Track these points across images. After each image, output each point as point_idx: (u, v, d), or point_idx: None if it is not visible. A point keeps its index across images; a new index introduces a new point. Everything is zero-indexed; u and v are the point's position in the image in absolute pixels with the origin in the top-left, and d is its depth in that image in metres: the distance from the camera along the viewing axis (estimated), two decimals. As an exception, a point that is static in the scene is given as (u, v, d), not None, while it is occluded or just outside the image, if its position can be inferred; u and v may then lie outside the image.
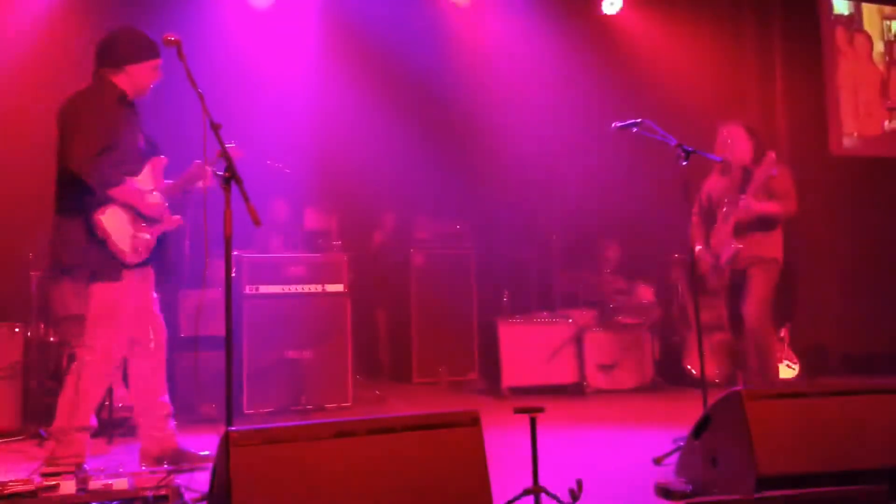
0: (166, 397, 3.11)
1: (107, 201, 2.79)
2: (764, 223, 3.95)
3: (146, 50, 2.95)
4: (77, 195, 2.77)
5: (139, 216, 2.89)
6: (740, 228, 3.92)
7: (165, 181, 3.02)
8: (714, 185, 4.11)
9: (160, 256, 3.00)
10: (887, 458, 2.36)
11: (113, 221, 2.79)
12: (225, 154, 2.60)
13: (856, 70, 6.83)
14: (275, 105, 5.48)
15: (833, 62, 6.74)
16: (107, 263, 2.81)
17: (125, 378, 4.13)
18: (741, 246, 3.91)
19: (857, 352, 6.34)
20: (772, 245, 3.97)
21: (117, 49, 2.92)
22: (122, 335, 2.92)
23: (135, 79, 2.94)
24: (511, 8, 6.36)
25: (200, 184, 2.99)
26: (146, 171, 2.97)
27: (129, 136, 2.89)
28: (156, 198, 2.91)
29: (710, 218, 4.12)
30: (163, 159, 3.00)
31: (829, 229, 6.51)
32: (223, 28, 5.45)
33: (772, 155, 3.85)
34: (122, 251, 2.81)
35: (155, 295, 3.07)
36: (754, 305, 3.91)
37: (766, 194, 3.91)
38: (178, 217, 3.02)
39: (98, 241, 2.77)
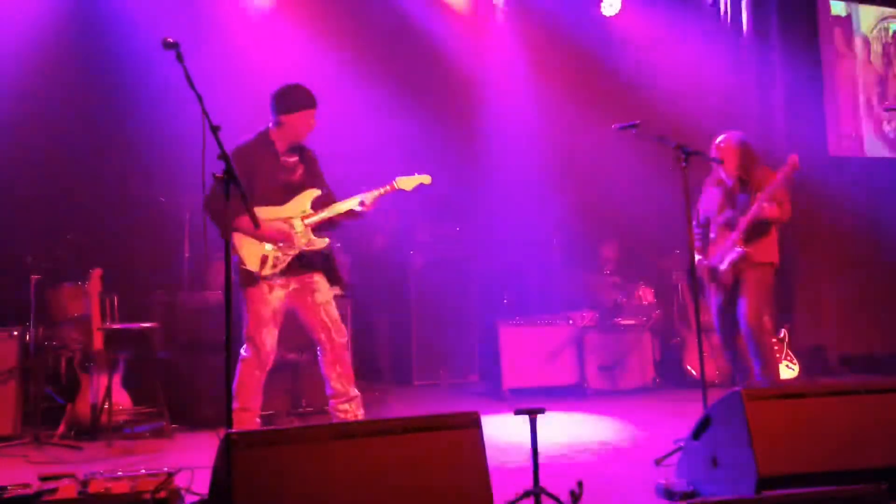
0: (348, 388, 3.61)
1: (233, 231, 3.31)
2: (761, 228, 4.00)
3: (296, 103, 3.45)
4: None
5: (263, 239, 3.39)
6: (740, 236, 3.98)
7: (317, 210, 3.51)
8: (709, 196, 4.21)
9: (322, 268, 3.53)
10: (887, 458, 2.36)
11: (240, 241, 3.37)
12: (224, 156, 2.61)
13: (853, 71, 6.85)
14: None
15: (831, 63, 6.76)
16: (241, 274, 3.40)
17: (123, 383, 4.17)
18: (749, 250, 3.96)
19: (856, 352, 6.35)
20: (766, 249, 4.03)
21: (276, 101, 3.46)
22: (265, 334, 3.38)
23: (288, 129, 3.48)
24: (511, 9, 6.37)
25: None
26: (294, 201, 3.48)
27: (266, 178, 3.42)
28: (276, 224, 3.40)
29: (708, 225, 4.20)
30: (313, 192, 3.53)
31: (828, 230, 6.52)
32: (223, 28, 5.46)
33: (795, 158, 3.91)
34: (247, 265, 3.37)
35: (322, 300, 3.50)
36: (748, 307, 3.97)
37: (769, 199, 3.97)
38: (324, 239, 3.51)
39: (237, 258, 3.39)
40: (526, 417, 2.41)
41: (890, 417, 2.44)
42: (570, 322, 5.37)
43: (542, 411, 2.42)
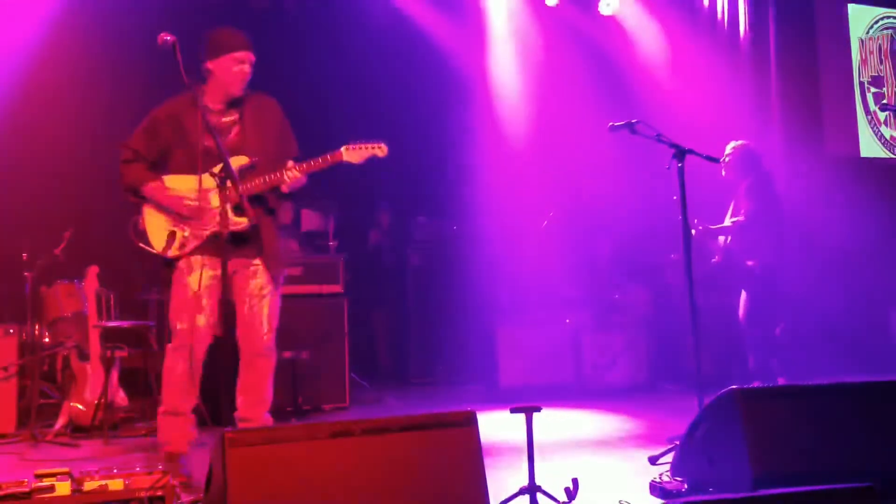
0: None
1: (142, 200, 2.93)
2: (756, 230, 4.44)
3: (223, 45, 2.90)
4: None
5: (172, 213, 2.92)
6: (738, 233, 4.47)
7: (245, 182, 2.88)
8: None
9: (266, 252, 2.96)
10: (882, 456, 2.37)
11: (150, 217, 2.93)
12: (221, 154, 2.60)
13: (849, 71, 6.86)
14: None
15: (828, 62, 6.77)
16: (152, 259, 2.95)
17: (120, 381, 4.16)
18: (729, 245, 4.46)
19: (851, 351, 6.36)
20: (754, 253, 4.45)
21: (199, 48, 2.90)
22: (188, 321, 2.90)
23: (216, 76, 2.90)
24: (510, 8, 6.37)
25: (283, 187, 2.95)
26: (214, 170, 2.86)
27: (195, 138, 2.83)
28: (184, 196, 2.89)
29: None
30: (240, 159, 2.88)
31: (824, 229, 6.53)
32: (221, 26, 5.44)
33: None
34: (152, 247, 2.93)
35: (252, 290, 2.98)
36: (743, 307, 4.43)
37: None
38: (242, 220, 2.85)
39: (140, 233, 2.94)
40: (522, 416, 2.41)
41: (884, 416, 2.45)
42: (567, 320, 5.37)
43: (537, 409, 2.42)
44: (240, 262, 2.94)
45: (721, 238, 4.57)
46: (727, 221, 4.56)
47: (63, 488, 2.41)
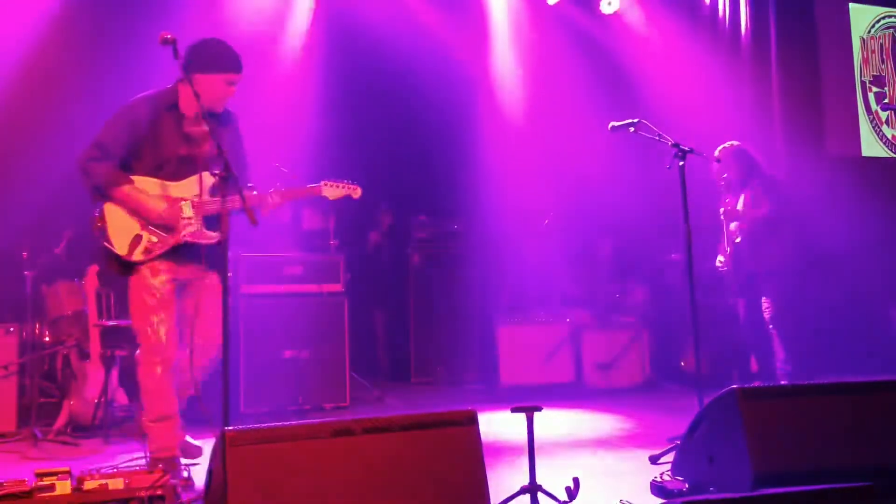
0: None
1: (106, 199, 2.85)
2: (769, 232, 4.36)
3: (218, 63, 2.89)
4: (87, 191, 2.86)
5: (143, 219, 2.88)
6: (743, 239, 4.40)
7: (213, 197, 2.93)
8: (724, 201, 4.53)
9: (219, 268, 2.85)
10: (881, 456, 2.37)
11: (114, 216, 2.84)
12: (221, 155, 2.60)
13: (851, 70, 6.85)
14: (271, 103, 5.47)
15: (829, 61, 6.76)
16: (110, 258, 2.86)
17: (121, 380, 4.16)
18: (740, 246, 4.33)
19: (852, 350, 6.36)
20: (771, 253, 4.37)
21: (188, 55, 2.87)
22: (157, 324, 2.87)
23: (200, 89, 2.81)
24: (511, 7, 6.36)
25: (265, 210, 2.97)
26: (191, 180, 2.92)
27: (164, 145, 2.87)
28: (163, 208, 2.86)
29: (720, 229, 4.56)
30: (210, 176, 2.89)
31: (824, 228, 6.53)
32: (222, 25, 5.44)
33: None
34: (113, 246, 2.85)
35: (205, 307, 2.97)
36: (769, 309, 4.35)
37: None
38: (215, 234, 2.88)
39: (100, 231, 2.84)
40: (523, 415, 2.41)
41: (884, 416, 2.45)
42: (567, 320, 5.37)
43: (538, 409, 2.42)
44: (196, 271, 2.95)
45: (726, 244, 4.49)
46: (732, 225, 4.46)
47: (63, 487, 2.41)
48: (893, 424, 2.44)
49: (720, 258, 4.58)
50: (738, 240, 4.44)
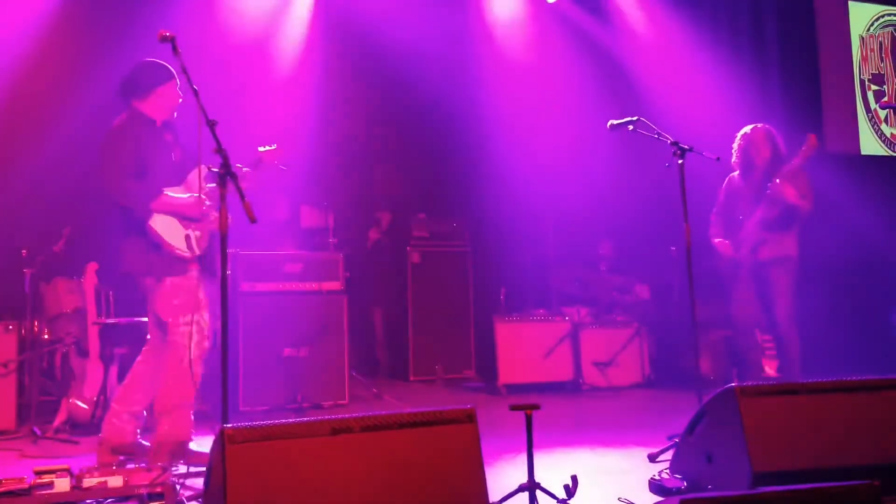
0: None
1: (149, 213, 3.08)
2: (785, 221, 4.13)
3: (164, 73, 3.19)
4: (124, 214, 3.11)
5: (184, 218, 3.15)
6: (766, 224, 4.13)
7: (210, 184, 3.16)
8: (734, 186, 4.33)
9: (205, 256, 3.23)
10: (881, 455, 2.38)
11: (162, 226, 3.09)
12: (220, 151, 2.60)
13: (850, 69, 6.85)
14: (271, 101, 5.47)
15: (828, 61, 6.76)
16: (170, 262, 3.10)
17: (120, 377, 4.16)
18: (763, 237, 4.12)
19: (849, 349, 6.37)
20: (791, 243, 4.18)
21: (140, 79, 3.18)
22: (199, 317, 3.13)
23: (161, 101, 3.18)
24: (508, 7, 6.36)
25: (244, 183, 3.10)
26: (190, 178, 3.21)
27: (161, 155, 3.17)
28: (193, 200, 3.14)
29: (728, 217, 4.32)
30: (204, 168, 3.03)
31: (824, 227, 6.53)
32: (222, 25, 5.44)
33: (812, 137, 4.06)
34: (178, 248, 3.10)
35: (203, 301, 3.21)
36: (784, 308, 4.11)
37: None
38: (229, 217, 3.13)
39: (154, 245, 3.07)
40: (521, 413, 2.41)
41: (884, 414, 2.46)
42: (566, 318, 5.38)
43: (537, 407, 2.42)
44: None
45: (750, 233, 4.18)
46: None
47: (63, 485, 2.41)
48: (892, 423, 2.44)
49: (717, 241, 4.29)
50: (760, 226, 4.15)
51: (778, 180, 4.04)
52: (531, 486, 2.39)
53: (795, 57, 6.59)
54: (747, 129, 4.24)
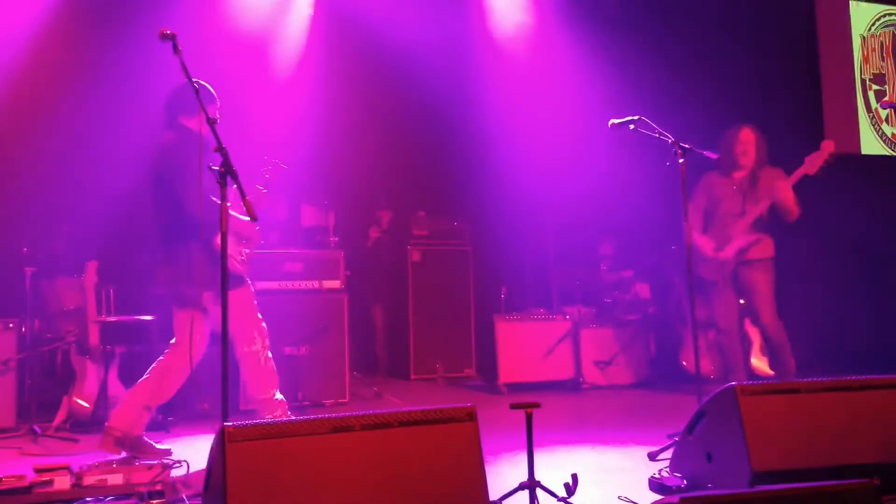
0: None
1: (215, 229, 3.19)
2: (763, 224, 4.16)
3: (209, 94, 3.38)
4: (186, 227, 3.21)
5: (238, 236, 3.39)
6: (759, 225, 4.16)
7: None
8: (715, 184, 4.28)
9: None
10: (880, 454, 2.38)
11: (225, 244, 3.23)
12: (221, 149, 2.60)
13: (851, 67, 6.85)
14: (272, 100, 5.47)
15: (829, 60, 6.75)
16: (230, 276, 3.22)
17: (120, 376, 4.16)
18: (755, 238, 4.12)
19: (847, 348, 6.37)
20: (768, 245, 4.20)
21: (187, 98, 3.26)
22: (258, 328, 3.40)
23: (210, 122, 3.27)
24: (508, 6, 6.35)
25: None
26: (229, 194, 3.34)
27: (208, 172, 3.22)
28: (248, 221, 3.25)
29: (708, 215, 4.30)
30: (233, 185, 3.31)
31: (819, 226, 6.53)
32: (221, 24, 5.44)
33: (829, 143, 4.13)
34: (235, 266, 3.33)
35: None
36: (768, 305, 4.12)
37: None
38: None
39: (216, 259, 3.17)
40: (521, 411, 2.41)
41: (883, 413, 2.46)
42: (567, 317, 5.38)
43: (537, 406, 2.42)
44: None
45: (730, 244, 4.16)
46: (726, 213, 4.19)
47: (62, 482, 2.42)
48: (891, 422, 2.44)
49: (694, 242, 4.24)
50: (749, 228, 4.15)
51: (782, 182, 4.07)
52: (531, 485, 2.39)
53: (796, 56, 6.58)
54: (734, 129, 4.23)
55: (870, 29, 6.97)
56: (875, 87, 6.93)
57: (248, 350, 3.36)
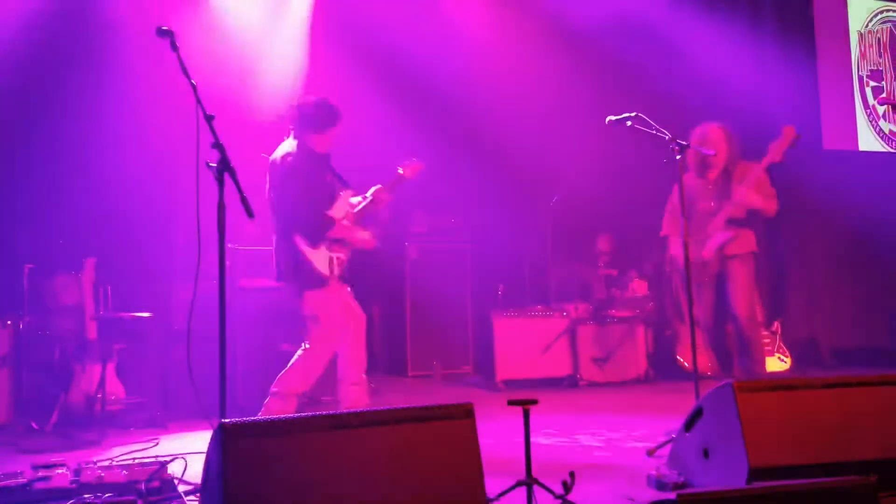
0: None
1: (323, 240, 3.54)
2: (748, 220, 4.11)
3: (338, 116, 3.60)
4: (290, 229, 3.50)
5: (335, 242, 3.58)
6: (732, 223, 4.08)
7: (355, 207, 3.72)
8: (689, 184, 4.20)
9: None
10: (877, 450, 2.39)
11: (311, 250, 3.51)
12: (218, 145, 2.59)
13: (848, 65, 6.85)
14: (271, 98, 5.45)
15: (826, 57, 6.76)
16: (311, 278, 3.52)
17: (118, 373, 4.16)
18: (732, 234, 4.07)
19: (847, 345, 6.39)
20: (748, 240, 4.13)
21: (321, 117, 3.57)
22: (333, 330, 3.57)
23: (330, 139, 3.61)
24: (508, 5, 6.34)
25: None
26: (339, 202, 3.63)
27: (323, 182, 3.60)
28: (344, 225, 3.60)
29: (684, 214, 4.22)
30: (349, 192, 3.69)
31: (821, 223, 6.54)
32: (222, 23, 5.42)
33: (790, 128, 4.04)
34: (319, 268, 3.51)
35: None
36: (743, 298, 4.06)
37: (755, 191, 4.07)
38: (367, 235, 3.72)
39: (301, 261, 3.50)
40: (519, 408, 2.42)
41: (881, 410, 2.46)
42: (564, 314, 5.38)
43: (535, 402, 2.42)
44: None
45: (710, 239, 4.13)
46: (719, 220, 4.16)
47: (60, 479, 2.42)
48: (889, 419, 2.45)
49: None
50: (722, 226, 4.12)
51: (742, 188, 4.01)
52: (529, 482, 2.40)
53: (793, 52, 6.58)
54: (702, 127, 4.11)
55: (867, 25, 6.97)
56: (872, 83, 6.93)
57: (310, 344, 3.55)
